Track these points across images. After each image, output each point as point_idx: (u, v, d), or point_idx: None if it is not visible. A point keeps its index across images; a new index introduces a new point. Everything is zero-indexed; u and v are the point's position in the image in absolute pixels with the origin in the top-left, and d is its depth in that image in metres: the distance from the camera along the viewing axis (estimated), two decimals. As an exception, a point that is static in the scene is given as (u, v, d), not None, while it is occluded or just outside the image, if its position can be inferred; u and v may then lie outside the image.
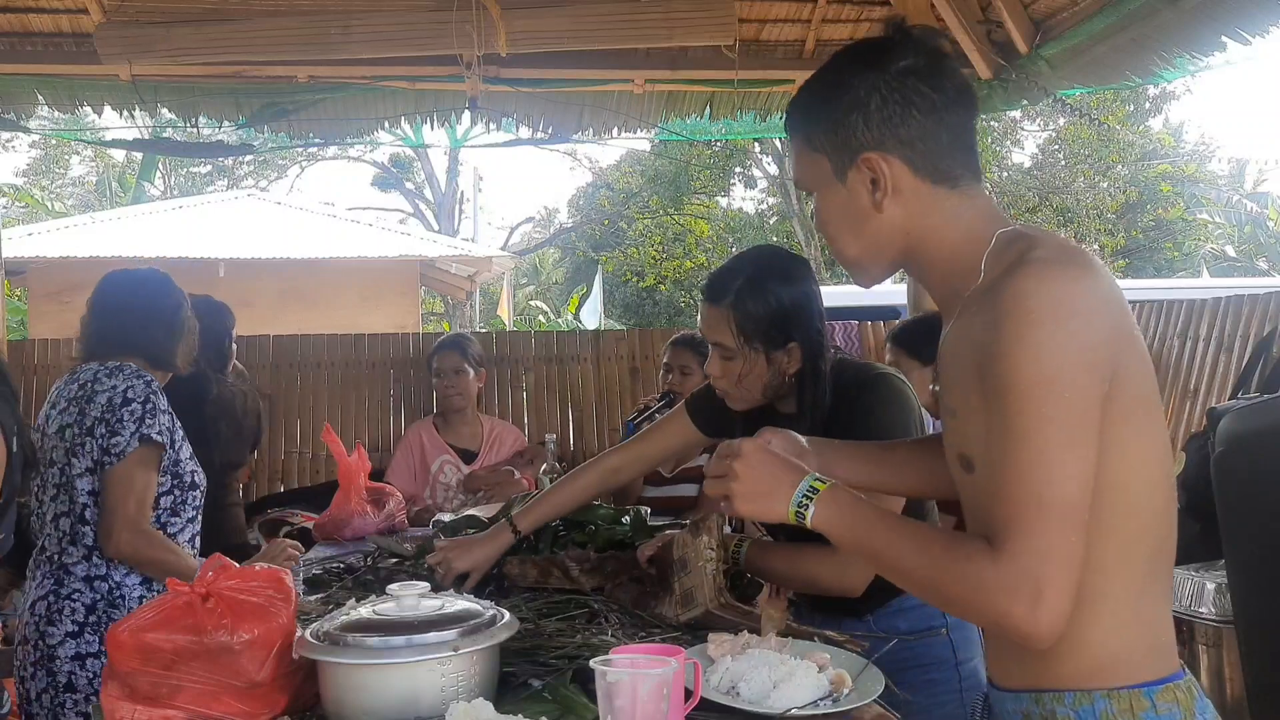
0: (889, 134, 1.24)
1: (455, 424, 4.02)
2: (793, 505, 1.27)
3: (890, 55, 1.26)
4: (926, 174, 1.26)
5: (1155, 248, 19.67)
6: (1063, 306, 1.13)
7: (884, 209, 1.27)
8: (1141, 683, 1.21)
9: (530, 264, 24.73)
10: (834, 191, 1.30)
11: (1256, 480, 2.23)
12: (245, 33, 4.12)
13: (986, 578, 1.13)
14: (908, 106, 1.24)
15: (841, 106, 1.26)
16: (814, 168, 1.31)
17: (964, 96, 1.28)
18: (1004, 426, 1.14)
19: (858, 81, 1.26)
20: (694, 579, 1.80)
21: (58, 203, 20.27)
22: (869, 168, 1.26)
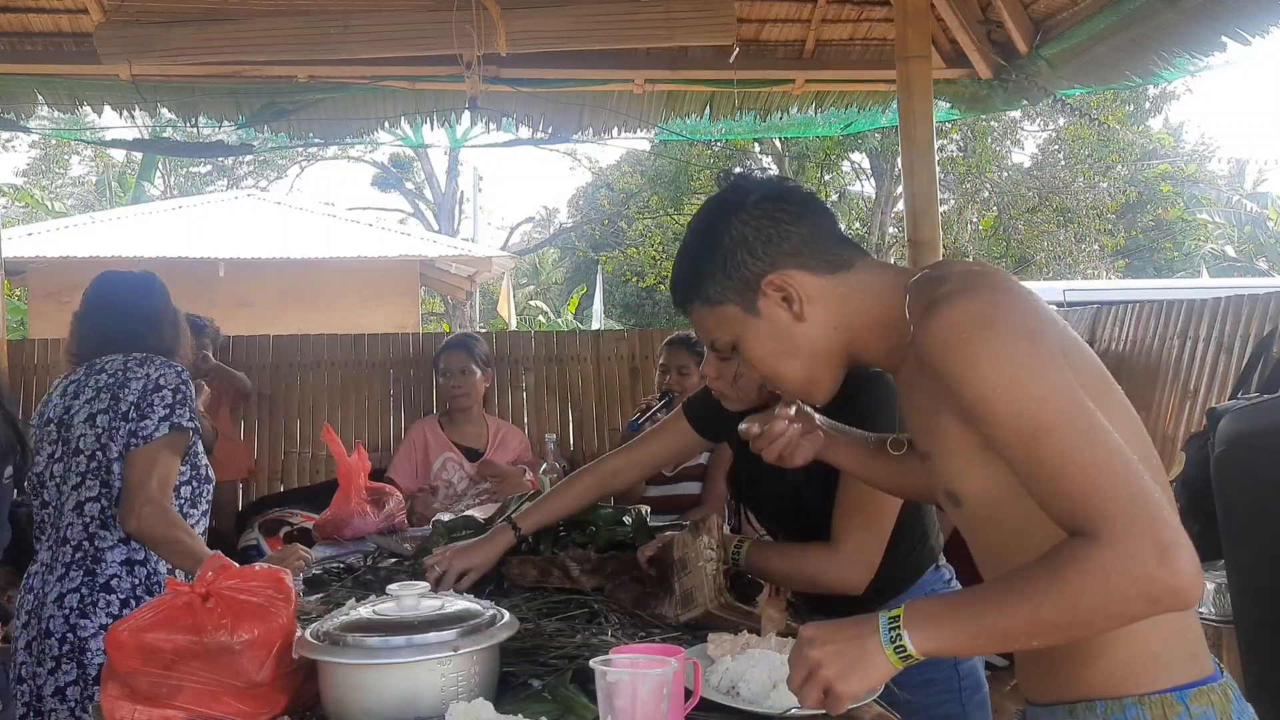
0: (775, 253, 1.34)
1: (460, 423, 4.03)
2: (890, 651, 1.14)
3: (740, 195, 1.37)
4: (824, 269, 1.35)
5: (1155, 248, 19.66)
6: (985, 313, 1.18)
7: (805, 317, 1.34)
8: (1173, 686, 1.21)
9: (530, 264, 24.72)
10: (754, 327, 1.37)
11: (1256, 480, 2.22)
12: (245, 33, 4.12)
13: (1108, 563, 1.06)
14: (778, 225, 1.34)
15: (724, 252, 1.36)
16: (725, 319, 1.39)
17: (812, 200, 1.39)
18: (1016, 439, 1.14)
19: (726, 228, 1.36)
20: (694, 579, 1.80)
21: (57, 203, 20.27)
22: (774, 289, 1.34)
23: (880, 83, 4.76)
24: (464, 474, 3.90)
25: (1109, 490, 1.08)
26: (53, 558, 2.42)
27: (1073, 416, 1.12)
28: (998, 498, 1.24)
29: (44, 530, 2.48)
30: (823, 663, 1.17)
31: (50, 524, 2.47)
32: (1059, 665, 1.25)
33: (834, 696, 1.17)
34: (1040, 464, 1.12)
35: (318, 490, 4.32)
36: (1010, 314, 1.18)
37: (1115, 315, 4.62)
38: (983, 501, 1.26)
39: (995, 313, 1.18)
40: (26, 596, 2.43)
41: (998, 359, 1.15)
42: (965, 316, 1.18)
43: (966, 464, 1.25)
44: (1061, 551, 1.10)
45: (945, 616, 1.14)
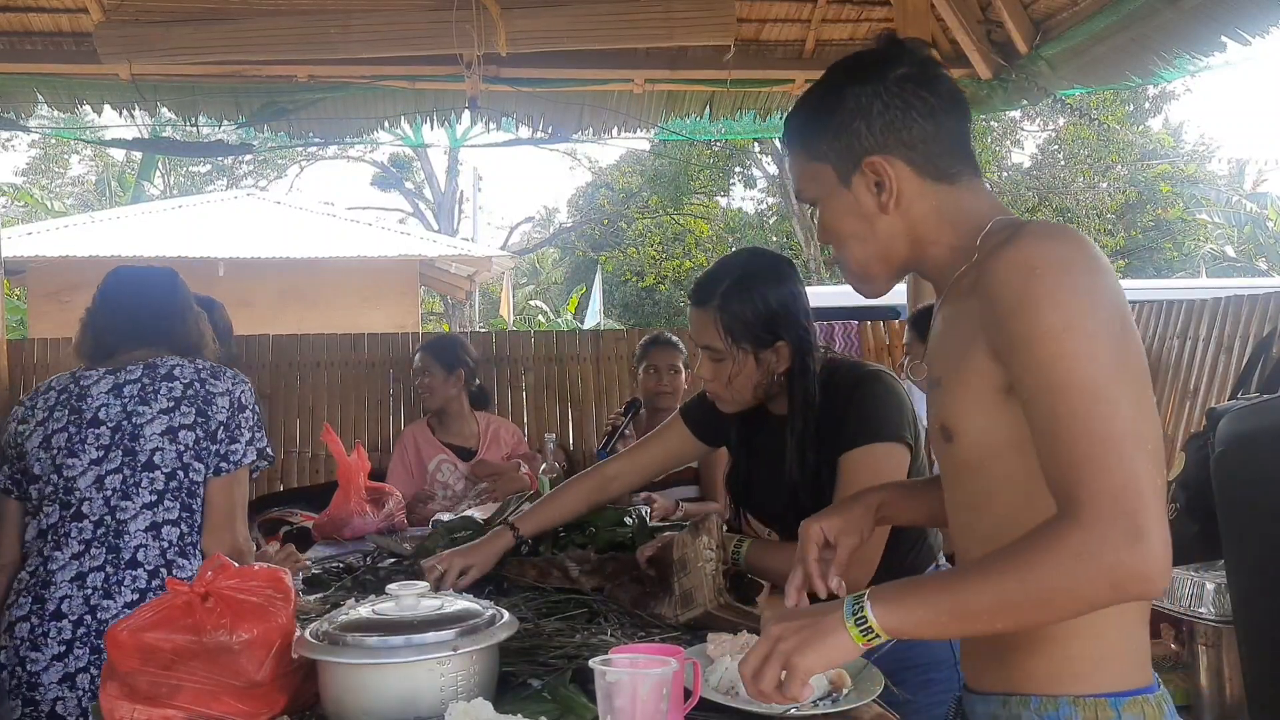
0: (891, 137, 1.28)
1: (449, 423, 4.01)
2: (851, 622, 1.13)
3: (886, 65, 1.30)
4: (928, 173, 1.29)
5: (1155, 248, 19.68)
6: (1066, 259, 1.14)
7: (889, 210, 1.29)
8: (1110, 692, 1.21)
9: (530, 264, 24.73)
10: (839, 198, 1.32)
11: (1256, 480, 2.22)
12: (245, 32, 4.12)
13: (1077, 544, 1.05)
14: (907, 111, 1.28)
15: (843, 114, 1.29)
16: (818, 177, 1.34)
17: (957, 101, 1.31)
18: (1044, 387, 1.11)
19: (858, 90, 1.29)
20: (694, 579, 1.80)
21: (57, 202, 20.26)
22: (873, 170, 1.28)
23: (880, 83, 4.76)
24: (459, 474, 3.89)
25: (1106, 468, 1.07)
26: (107, 580, 2.19)
27: (1105, 386, 1.10)
28: (989, 445, 1.22)
29: (67, 538, 2.23)
30: (782, 637, 1.16)
31: (98, 539, 2.23)
32: (1001, 656, 1.25)
33: (791, 671, 1.14)
34: (1056, 419, 1.10)
35: (317, 490, 4.32)
36: (1088, 270, 1.14)
37: (1115, 315, 4.62)
38: (974, 444, 1.24)
39: (1075, 261, 1.14)
40: (51, 624, 2.16)
41: (1060, 305, 1.12)
42: (1044, 254, 1.15)
43: (974, 402, 1.22)
44: (1033, 535, 1.09)
45: (910, 594, 1.14)
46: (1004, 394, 1.19)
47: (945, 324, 1.30)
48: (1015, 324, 1.13)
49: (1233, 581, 2.35)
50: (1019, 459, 1.19)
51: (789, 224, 17.28)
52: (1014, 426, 1.18)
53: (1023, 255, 1.15)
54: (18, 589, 2.23)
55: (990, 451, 1.23)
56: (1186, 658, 2.82)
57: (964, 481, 1.28)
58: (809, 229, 16.66)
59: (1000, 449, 1.21)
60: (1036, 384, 1.12)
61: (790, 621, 1.17)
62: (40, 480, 2.28)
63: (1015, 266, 1.15)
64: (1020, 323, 1.13)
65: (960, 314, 1.24)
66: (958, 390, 1.24)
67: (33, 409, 2.36)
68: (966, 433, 1.24)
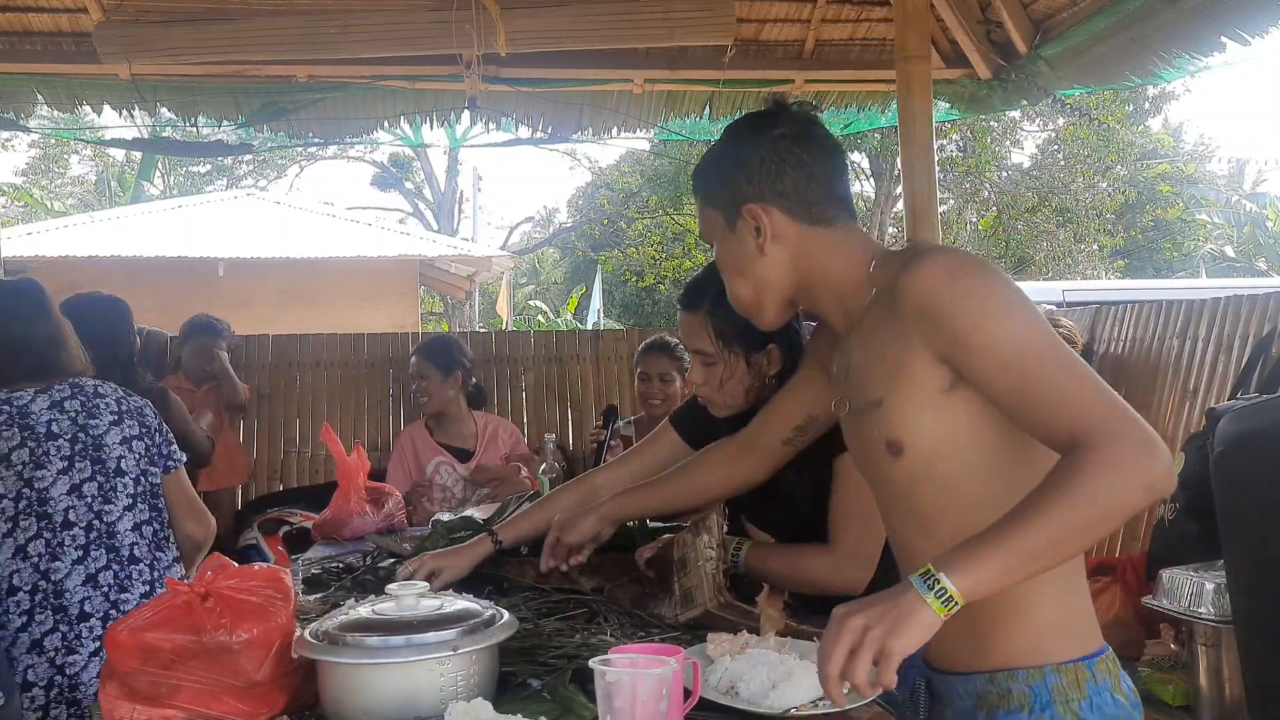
0: (766, 187, 1.45)
1: (446, 425, 4.00)
2: (930, 596, 1.17)
3: (768, 124, 1.48)
4: (803, 218, 1.46)
5: (1154, 248, 19.67)
6: (970, 262, 1.34)
7: (766, 251, 1.46)
8: (1082, 656, 1.36)
9: (530, 264, 24.72)
10: (727, 240, 1.50)
11: (1256, 480, 2.22)
12: (245, 32, 4.12)
13: (1109, 460, 1.18)
14: (781, 164, 1.45)
15: (728, 168, 1.49)
16: (711, 221, 1.53)
17: (831, 154, 1.49)
18: (1007, 362, 1.26)
19: (741, 146, 1.49)
20: (693, 579, 1.80)
21: (57, 202, 20.25)
22: (751, 216, 1.46)
23: (880, 83, 4.76)
24: (457, 476, 3.89)
25: (1095, 403, 1.22)
26: (117, 576, 2.42)
27: (1055, 343, 1.28)
28: (939, 448, 1.35)
29: (62, 547, 2.36)
30: (869, 624, 1.17)
31: (94, 542, 2.39)
32: (978, 635, 1.35)
33: (887, 656, 1.16)
34: (1030, 380, 1.25)
35: (317, 490, 4.32)
36: (988, 267, 1.35)
37: (1115, 315, 4.63)
38: (925, 451, 1.35)
39: (979, 262, 1.36)
40: (54, 632, 2.33)
41: (992, 292, 1.30)
42: (954, 261, 1.33)
43: (920, 410, 1.34)
44: (1063, 465, 1.21)
45: (977, 554, 1.19)
46: (947, 393, 1.33)
47: (866, 352, 1.41)
48: (958, 320, 1.29)
49: (1232, 581, 2.35)
50: (972, 449, 1.34)
51: (789, 224, 17.24)
52: (963, 418, 1.33)
53: (936, 267, 1.32)
54: (26, 609, 2.34)
55: (941, 454, 1.35)
56: (1186, 658, 2.81)
57: (922, 491, 1.38)
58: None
59: (950, 449, 1.35)
60: (999, 362, 1.27)
61: (867, 609, 1.19)
62: (6, 497, 2.37)
63: (933, 277, 1.31)
64: (962, 318, 1.28)
65: (882, 338, 1.38)
66: (902, 403, 1.35)
67: None
68: (919, 439, 1.35)
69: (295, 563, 2.71)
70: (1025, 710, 1.35)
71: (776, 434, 1.83)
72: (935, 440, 1.35)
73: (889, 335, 1.36)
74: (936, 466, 1.36)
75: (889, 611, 1.18)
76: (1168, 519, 3.20)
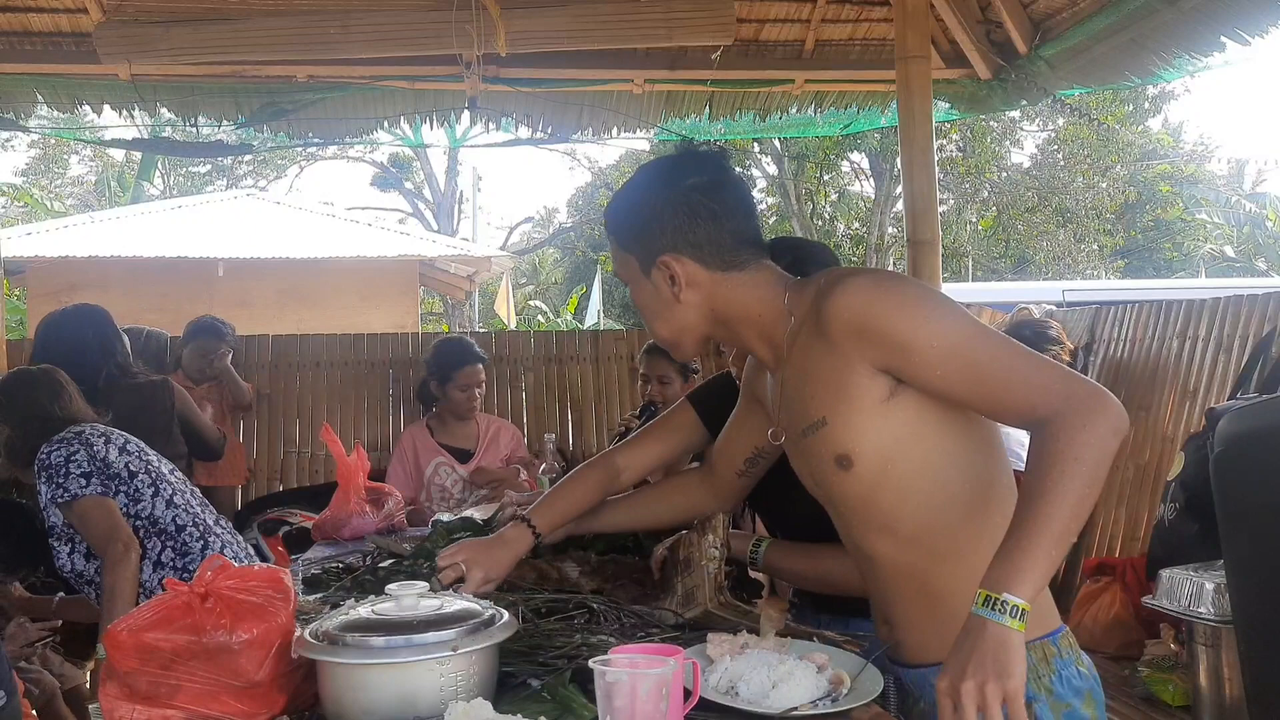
0: (680, 239, 1.49)
1: (450, 424, 4.01)
2: (1006, 618, 1.21)
3: (680, 173, 1.52)
4: (715, 266, 1.50)
5: (1154, 248, 19.68)
6: (884, 275, 1.44)
7: (682, 299, 1.51)
8: (1048, 633, 1.45)
9: (529, 264, 24.72)
10: (642, 285, 1.55)
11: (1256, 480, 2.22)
12: (244, 32, 4.12)
13: (1079, 421, 1.26)
14: (694, 217, 1.49)
15: (643, 217, 1.52)
16: (626, 264, 1.57)
17: (742, 201, 1.53)
18: (951, 358, 1.35)
19: (655, 197, 1.51)
20: (696, 578, 1.80)
21: (57, 202, 20.26)
22: (666, 267, 1.51)
23: (880, 83, 4.76)
24: (457, 476, 3.89)
25: (1040, 372, 1.33)
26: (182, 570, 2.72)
27: (987, 330, 1.38)
28: (888, 453, 1.42)
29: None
30: (978, 680, 1.19)
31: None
32: (947, 627, 1.34)
33: (1011, 697, 1.19)
34: (982, 371, 1.34)
35: (317, 490, 4.32)
36: (906, 277, 1.44)
37: (1115, 315, 4.62)
38: (875, 459, 1.42)
39: (895, 275, 1.46)
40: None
41: (920, 299, 1.39)
42: (876, 279, 1.42)
43: (866, 421, 1.41)
44: (1043, 446, 1.28)
45: (1017, 560, 1.24)
46: (888, 401, 1.40)
47: (802, 378, 1.47)
48: (898, 330, 1.36)
49: (1232, 581, 2.35)
50: (918, 447, 1.42)
51: (788, 224, 17.27)
52: (905, 421, 1.41)
53: (860, 287, 1.39)
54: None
55: (891, 458, 1.42)
56: (1186, 658, 2.81)
57: (876, 497, 1.45)
58: (809, 229, 16.65)
59: (898, 451, 1.42)
60: (945, 358, 1.35)
61: (963, 668, 1.21)
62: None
63: (859, 297, 1.38)
64: (903, 326, 1.36)
65: (814, 362, 1.44)
66: (847, 418, 1.42)
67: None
68: (867, 449, 1.42)
69: (295, 563, 2.72)
70: None
71: (730, 468, 1.87)
72: (883, 447, 1.42)
73: (822, 358, 1.43)
74: (888, 471, 1.43)
75: (985, 657, 1.20)
76: (1168, 519, 3.20)
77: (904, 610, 1.52)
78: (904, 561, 1.48)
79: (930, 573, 1.47)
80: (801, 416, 1.49)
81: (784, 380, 1.52)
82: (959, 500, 1.44)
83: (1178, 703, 2.91)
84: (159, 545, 2.75)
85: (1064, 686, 1.42)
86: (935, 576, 1.47)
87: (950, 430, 1.42)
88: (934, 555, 1.46)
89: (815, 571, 1.94)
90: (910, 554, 1.47)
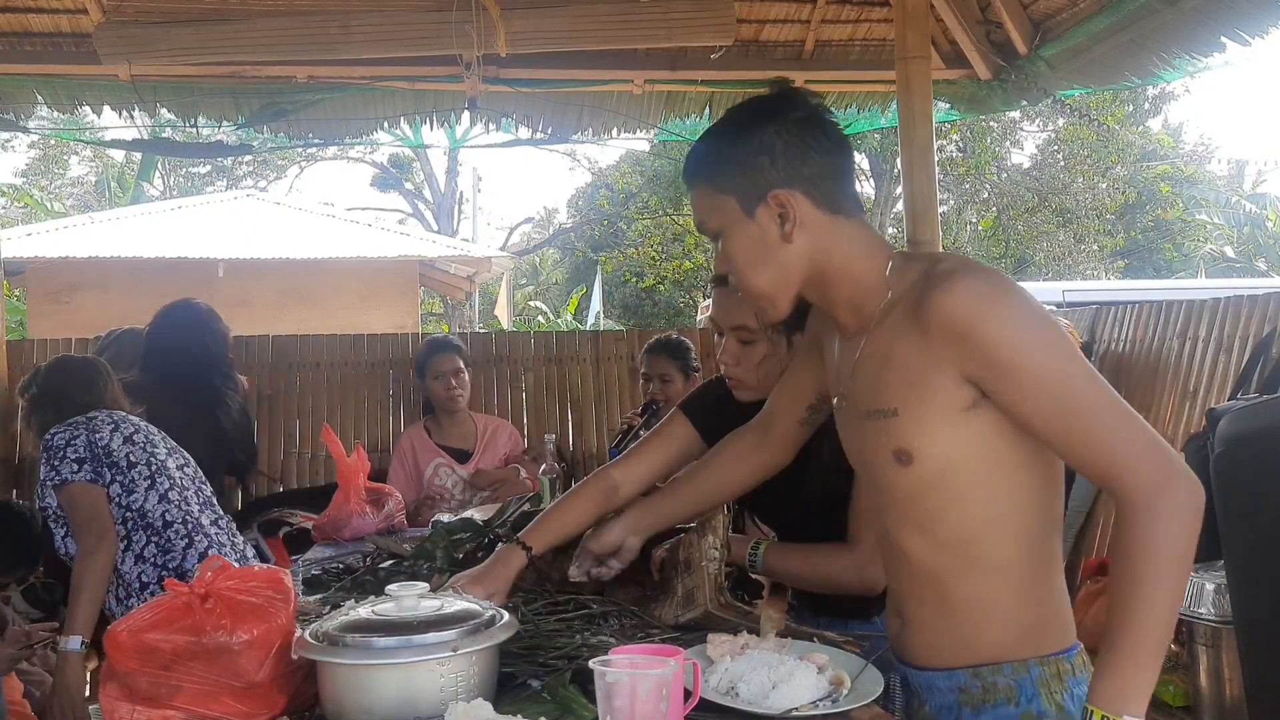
0: (792, 172, 1.39)
1: (447, 425, 4.01)
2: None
3: (784, 107, 1.43)
4: (826, 206, 1.41)
5: (1154, 248, 19.68)
6: (1005, 287, 1.32)
7: (794, 239, 1.40)
8: (1062, 649, 1.41)
9: (529, 264, 24.72)
10: (741, 230, 1.43)
11: (1256, 481, 2.22)
12: (244, 33, 4.12)
13: (1165, 511, 1.22)
14: (806, 149, 1.40)
15: (748, 150, 1.41)
16: (719, 208, 1.44)
17: (846, 144, 1.45)
18: (1045, 393, 1.28)
19: (762, 129, 1.41)
20: (696, 579, 1.79)
21: (56, 203, 20.25)
22: (777, 202, 1.40)
23: (880, 83, 4.76)
24: (456, 477, 3.89)
25: (1131, 441, 1.25)
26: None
27: (1090, 375, 1.29)
28: (951, 460, 1.36)
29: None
30: None
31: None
32: (962, 634, 1.39)
33: None
34: (1073, 419, 1.27)
35: (317, 491, 4.32)
36: (1020, 291, 1.33)
37: (1115, 316, 4.62)
38: (936, 462, 1.36)
39: (1010, 287, 1.33)
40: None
41: (1029, 321, 1.30)
42: (989, 286, 1.31)
43: (938, 425, 1.35)
44: (1134, 536, 1.23)
45: (1127, 678, 1.23)
46: (967, 413, 1.34)
47: (882, 360, 1.40)
48: (999, 350, 1.28)
49: (1232, 581, 2.35)
50: (980, 467, 1.36)
51: (789, 224, 17.25)
52: (977, 440, 1.35)
53: (972, 292, 1.30)
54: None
55: (953, 466, 1.36)
56: (1186, 658, 2.81)
57: (921, 498, 1.40)
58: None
59: (964, 461, 1.36)
60: (1037, 392, 1.28)
61: None
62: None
63: (971, 302, 1.29)
64: (1005, 348, 1.28)
65: (902, 350, 1.36)
66: (919, 417, 1.36)
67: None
68: (930, 453, 1.36)
69: (295, 563, 2.72)
70: (1011, 703, 1.39)
71: (793, 416, 1.77)
72: (948, 454, 1.36)
73: (911, 348, 1.35)
74: (946, 477, 1.37)
75: None
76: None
77: (921, 611, 1.47)
78: (934, 564, 1.43)
79: (958, 581, 1.42)
80: (870, 398, 1.42)
81: (862, 353, 1.43)
82: (1007, 520, 1.39)
83: (1178, 703, 2.91)
84: (144, 539, 2.75)
85: (1076, 705, 1.38)
86: (962, 585, 1.42)
87: (1019, 454, 1.36)
88: (966, 564, 1.41)
89: (816, 572, 1.94)
90: (942, 558, 1.42)
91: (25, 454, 4.47)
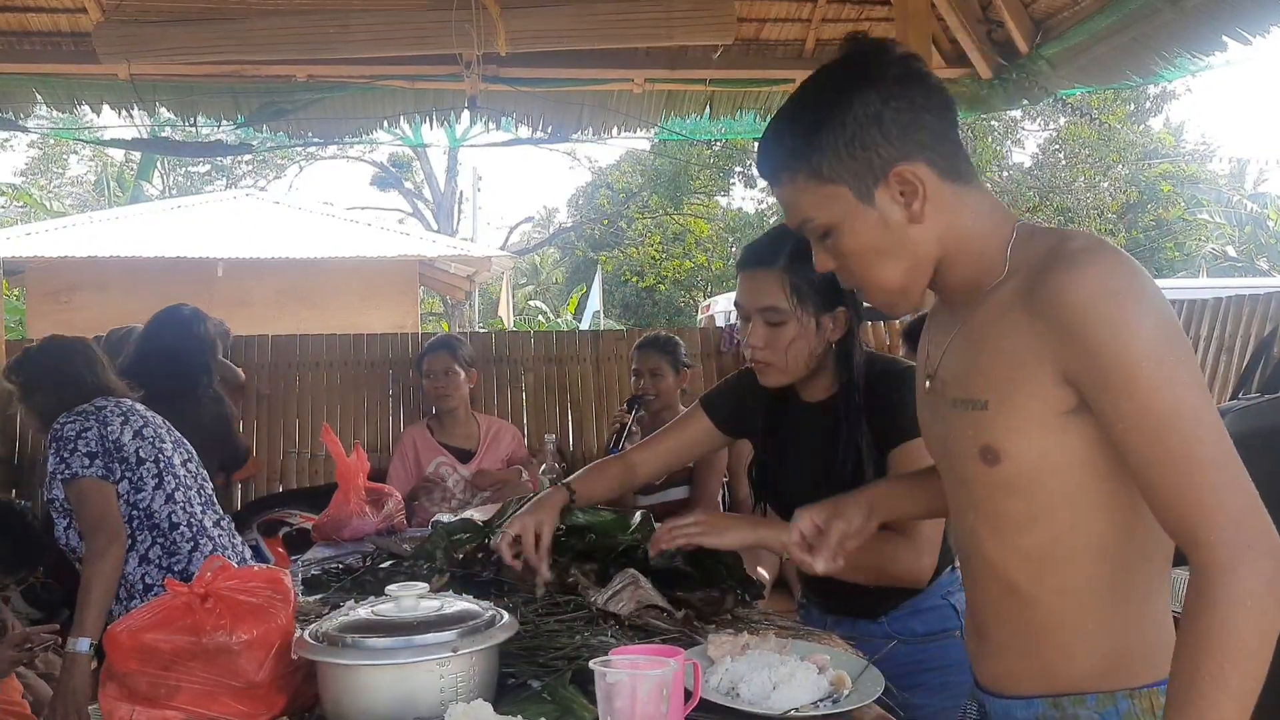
0: (908, 141, 1.19)
1: (450, 425, 4.00)
2: None
3: (878, 65, 1.20)
4: (948, 175, 1.21)
5: (1156, 248, 19.68)
6: (1138, 285, 1.12)
7: (924, 217, 1.21)
8: (1157, 681, 1.20)
9: (530, 264, 24.73)
10: (860, 221, 1.22)
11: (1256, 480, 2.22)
12: (244, 32, 4.12)
13: (1240, 591, 1.06)
14: (918, 110, 1.19)
15: (854, 128, 1.18)
16: (829, 200, 1.22)
17: (950, 97, 1.25)
18: (1147, 416, 1.10)
19: (862, 97, 1.18)
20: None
21: (56, 202, 20.26)
22: (900, 180, 1.19)
23: (880, 82, 4.76)
24: (458, 477, 3.88)
25: (1225, 497, 1.08)
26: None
27: (1203, 408, 1.11)
28: (1044, 466, 1.19)
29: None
30: None
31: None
32: (1044, 660, 1.25)
33: None
34: (1165, 461, 1.09)
35: (317, 491, 4.32)
36: (1156, 293, 1.14)
37: (1115, 315, 4.62)
38: (1025, 464, 1.20)
39: (1145, 285, 1.13)
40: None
41: (1151, 332, 1.11)
42: (1119, 279, 1.12)
43: (1033, 426, 1.18)
44: (1198, 613, 1.07)
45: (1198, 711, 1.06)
46: (1066, 416, 1.16)
47: (980, 342, 1.22)
48: (1107, 354, 1.10)
49: (1234, 582, 2.34)
50: (1075, 477, 1.18)
51: (789, 224, 17.27)
52: (1075, 447, 1.17)
53: (1097, 285, 1.11)
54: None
55: (1045, 472, 1.20)
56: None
57: (1005, 502, 1.24)
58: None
59: (1056, 469, 1.19)
60: (1139, 415, 1.10)
61: None
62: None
63: (1091, 292, 1.11)
64: (1113, 355, 1.10)
65: (1005, 334, 1.19)
66: (1011, 413, 1.19)
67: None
68: (1019, 455, 1.20)
69: (295, 564, 2.72)
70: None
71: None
72: (1040, 459, 1.19)
73: (1013, 332, 1.17)
74: (1035, 484, 1.21)
75: None
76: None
77: (1000, 632, 1.31)
78: (1015, 576, 1.26)
79: (1040, 597, 1.25)
80: (960, 384, 1.25)
81: (959, 332, 1.26)
82: (1092, 537, 1.21)
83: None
84: (149, 539, 2.73)
85: None
86: (1044, 602, 1.25)
87: (1120, 473, 1.16)
88: (1050, 580, 1.24)
89: (874, 559, 1.80)
90: (1024, 571, 1.25)
91: (26, 453, 4.46)
